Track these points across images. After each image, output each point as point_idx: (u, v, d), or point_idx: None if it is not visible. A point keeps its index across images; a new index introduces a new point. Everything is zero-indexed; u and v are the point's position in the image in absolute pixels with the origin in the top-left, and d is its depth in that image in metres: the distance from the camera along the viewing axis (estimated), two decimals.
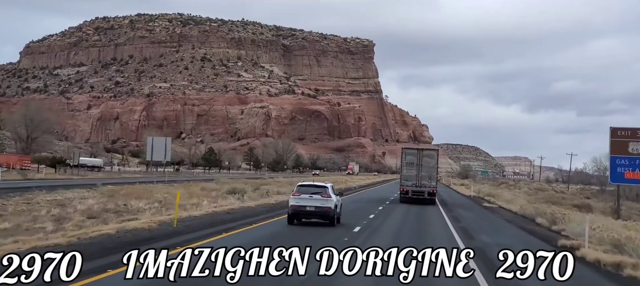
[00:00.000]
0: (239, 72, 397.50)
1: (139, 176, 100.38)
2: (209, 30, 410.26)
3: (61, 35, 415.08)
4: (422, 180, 54.73)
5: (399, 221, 34.71)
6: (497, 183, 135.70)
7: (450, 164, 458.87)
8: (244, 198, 45.96)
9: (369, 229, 29.05)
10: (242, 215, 32.97)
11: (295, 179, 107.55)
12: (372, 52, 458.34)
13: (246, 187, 52.19)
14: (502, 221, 37.21)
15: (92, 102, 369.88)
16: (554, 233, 30.29)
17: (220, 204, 39.11)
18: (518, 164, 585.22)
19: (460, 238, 25.82)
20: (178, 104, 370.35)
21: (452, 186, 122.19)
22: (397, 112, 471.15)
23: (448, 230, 30.31)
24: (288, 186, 66.85)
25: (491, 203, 55.92)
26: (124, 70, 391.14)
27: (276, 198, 49.23)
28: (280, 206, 39.25)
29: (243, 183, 60.52)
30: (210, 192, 49.65)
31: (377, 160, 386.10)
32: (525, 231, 31.66)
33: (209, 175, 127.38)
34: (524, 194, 76.70)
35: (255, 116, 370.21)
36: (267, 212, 36.19)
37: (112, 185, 52.00)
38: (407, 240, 23.85)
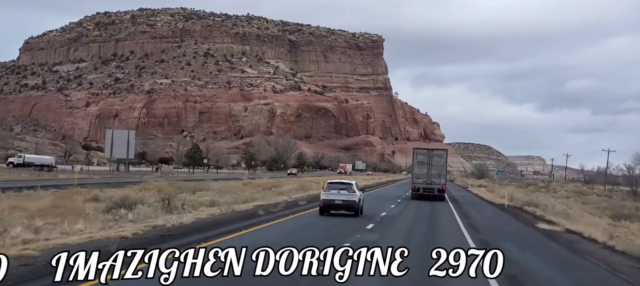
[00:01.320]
0: (243, 68, 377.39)
1: (85, 176, 80.00)
2: (212, 25, 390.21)
3: (61, 31, 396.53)
4: (432, 178, 57.39)
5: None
6: (523, 184, 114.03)
7: (462, 164, 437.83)
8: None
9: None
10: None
11: (284, 181, 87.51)
12: (381, 47, 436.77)
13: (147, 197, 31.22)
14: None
15: (91, 100, 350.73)
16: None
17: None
18: (531, 164, 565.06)
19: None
20: (179, 101, 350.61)
21: (470, 188, 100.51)
22: (408, 109, 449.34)
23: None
24: (258, 193, 46.78)
25: (545, 220, 34.73)
26: (124, 66, 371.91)
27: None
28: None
29: (176, 188, 39.56)
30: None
31: (386, 159, 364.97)
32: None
33: (173, 176, 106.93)
34: (575, 203, 55.37)
35: (259, 113, 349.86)
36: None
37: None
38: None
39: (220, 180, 77.01)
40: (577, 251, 21.77)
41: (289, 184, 69.54)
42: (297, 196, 49.89)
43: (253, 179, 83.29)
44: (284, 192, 53.21)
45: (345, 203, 34.13)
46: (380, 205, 43.85)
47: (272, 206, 36.71)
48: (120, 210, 27.14)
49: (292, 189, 58.61)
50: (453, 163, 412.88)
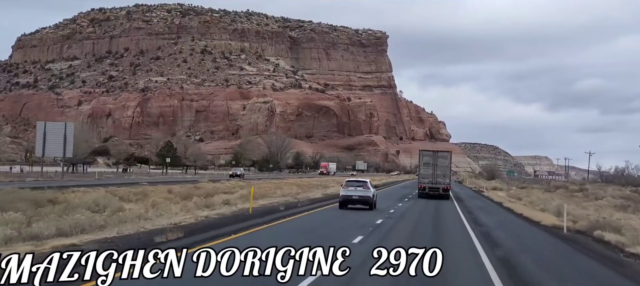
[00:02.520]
0: (242, 65, 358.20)
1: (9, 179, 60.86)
2: (210, 21, 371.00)
3: (54, 28, 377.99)
4: (437, 178, 59.58)
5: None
6: (548, 187, 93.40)
7: (469, 163, 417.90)
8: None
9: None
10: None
11: (265, 185, 68.26)
12: (385, 44, 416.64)
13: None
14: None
15: (83, 98, 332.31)
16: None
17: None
18: (538, 163, 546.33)
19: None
20: (175, 100, 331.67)
21: (485, 193, 79.05)
22: (413, 108, 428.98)
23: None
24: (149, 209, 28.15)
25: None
26: (118, 63, 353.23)
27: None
28: None
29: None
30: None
31: (390, 159, 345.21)
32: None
33: (139, 178, 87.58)
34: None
35: (257, 112, 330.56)
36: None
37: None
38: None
39: (160, 183, 57.54)
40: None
41: (244, 189, 50.45)
42: (222, 211, 30.59)
43: (198, 183, 64.41)
44: (211, 204, 33.68)
45: (361, 198, 37.67)
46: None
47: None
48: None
49: (234, 198, 39.32)
50: (459, 163, 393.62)
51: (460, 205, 47.30)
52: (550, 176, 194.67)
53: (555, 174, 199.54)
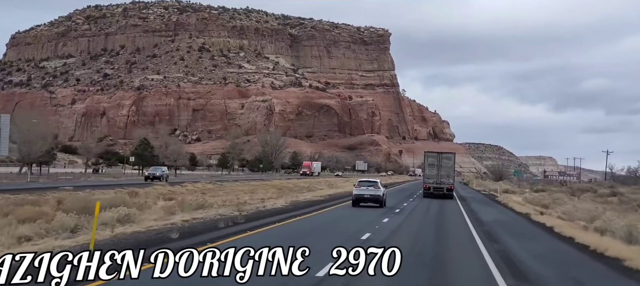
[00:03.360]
0: (241, 63, 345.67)
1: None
2: (208, 18, 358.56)
3: (49, 25, 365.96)
4: (441, 178, 61.75)
5: None
6: (571, 190, 79.55)
7: (473, 164, 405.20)
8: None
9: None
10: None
11: (234, 188, 55.85)
12: (387, 42, 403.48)
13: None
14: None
15: (77, 97, 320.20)
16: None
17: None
18: (542, 164, 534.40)
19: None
20: (172, 98, 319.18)
21: (500, 199, 64.66)
22: (416, 107, 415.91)
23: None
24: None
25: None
26: (114, 61, 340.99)
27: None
28: None
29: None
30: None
31: (392, 159, 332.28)
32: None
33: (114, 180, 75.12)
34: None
35: (256, 111, 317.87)
36: None
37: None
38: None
39: (88, 188, 44.74)
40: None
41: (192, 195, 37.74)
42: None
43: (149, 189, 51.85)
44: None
45: (372, 197, 41.02)
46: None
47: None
48: None
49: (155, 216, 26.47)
50: (464, 164, 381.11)
51: (474, 220, 34.23)
52: (561, 176, 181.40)
53: (566, 174, 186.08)
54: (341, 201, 48.81)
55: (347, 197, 50.29)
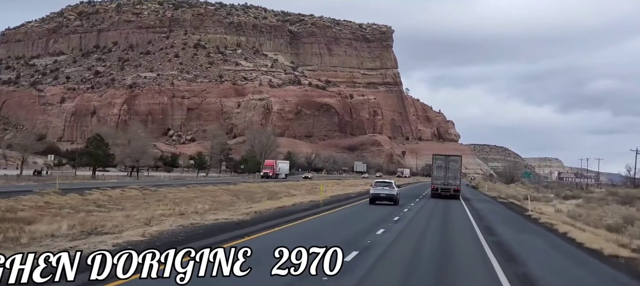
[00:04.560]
0: (238, 60, 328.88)
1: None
2: (204, 13, 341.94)
3: (40, 22, 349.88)
4: (448, 180, 64.34)
5: None
6: (624, 198, 62.17)
7: (479, 165, 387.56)
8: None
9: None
10: None
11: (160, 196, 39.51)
12: (390, 39, 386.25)
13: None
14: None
15: (67, 95, 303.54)
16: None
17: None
18: (548, 165, 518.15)
19: None
20: (165, 97, 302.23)
21: (531, 212, 43.20)
22: (420, 107, 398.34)
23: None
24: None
25: None
26: (106, 58, 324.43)
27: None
28: None
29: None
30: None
31: (395, 160, 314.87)
32: None
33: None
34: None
35: (253, 110, 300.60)
36: None
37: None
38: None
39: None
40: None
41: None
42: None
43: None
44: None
45: (387, 196, 45.55)
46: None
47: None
48: None
49: None
50: (469, 165, 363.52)
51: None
52: (577, 179, 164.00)
53: (583, 176, 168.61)
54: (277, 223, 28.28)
55: (292, 218, 31.96)
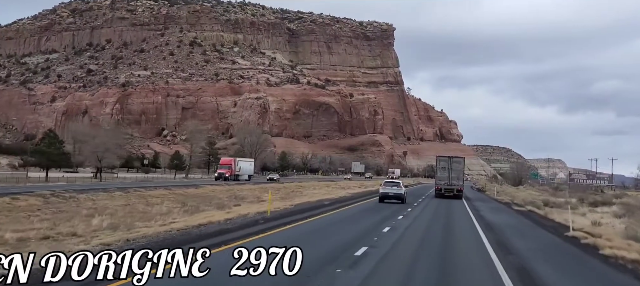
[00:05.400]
0: (235, 58, 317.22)
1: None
2: (200, 11, 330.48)
3: (32, 19, 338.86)
4: (451, 180, 67.16)
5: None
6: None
7: (482, 166, 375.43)
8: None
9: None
10: None
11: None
12: (391, 37, 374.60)
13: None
14: None
15: (58, 94, 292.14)
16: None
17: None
18: (551, 167, 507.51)
19: None
20: (159, 96, 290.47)
21: (571, 223, 30.33)
22: (421, 106, 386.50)
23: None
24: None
25: None
26: (99, 57, 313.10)
27: None
28: None
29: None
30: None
31: (396, 161, 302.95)
32: None
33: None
34: None
35: (249, 109, 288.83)
36: None
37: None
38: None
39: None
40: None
41: None
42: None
43: None
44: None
45: (395, 195, 49.70)
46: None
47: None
48: None
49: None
50: (472, 166, 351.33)
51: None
52: (589, 180, 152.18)
53: (596, 177, 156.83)
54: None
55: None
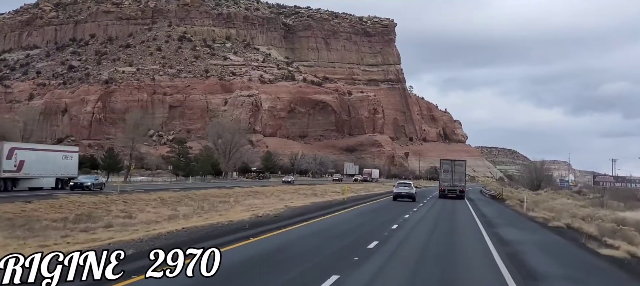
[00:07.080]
0: (226, 54, 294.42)
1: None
2: (190, 4, 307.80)
3: (13, 14, 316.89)
4: (454, 182, 70.97)
5: None
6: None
7: (488, 168, 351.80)
8: None
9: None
10: None
11: None
12: (393, 33, 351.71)
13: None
14: None
15: (36, 91, 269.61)
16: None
17: None
18: (557, 168, 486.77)
19: None
20: (144, 93, 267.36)
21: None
22: (424, 105, 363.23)
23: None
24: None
25: None
26: (82, 52, 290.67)
27: None
28: None
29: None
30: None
31: (397, 162, 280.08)
32: None
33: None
34: None
35: (240, 107, 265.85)
36: None
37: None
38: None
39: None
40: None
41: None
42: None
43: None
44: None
45: (407, 194, 57.66)
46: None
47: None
48: None
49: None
50: (479, 168, 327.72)
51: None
52: (618, 183, 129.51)
53: (624, 181, 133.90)
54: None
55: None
